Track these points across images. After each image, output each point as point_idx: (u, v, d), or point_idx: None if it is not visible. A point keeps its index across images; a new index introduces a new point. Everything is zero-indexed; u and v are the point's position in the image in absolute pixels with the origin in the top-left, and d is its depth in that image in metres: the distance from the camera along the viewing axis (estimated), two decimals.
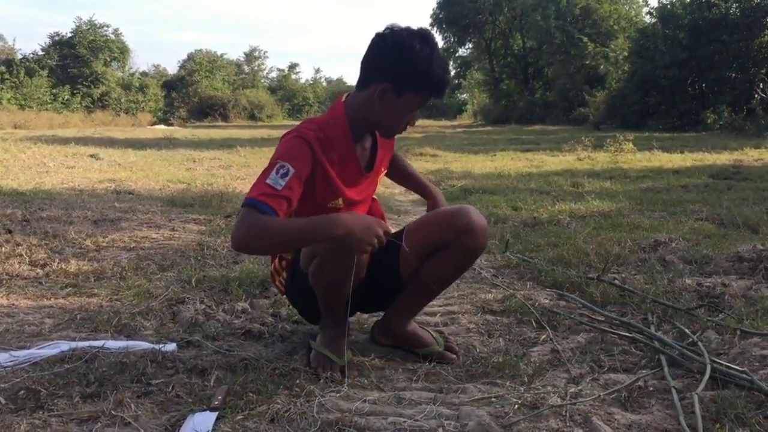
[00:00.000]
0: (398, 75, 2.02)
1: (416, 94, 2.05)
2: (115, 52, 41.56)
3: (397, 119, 2.11)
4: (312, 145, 2.03)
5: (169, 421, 1.77)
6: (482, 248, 2.24)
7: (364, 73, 2.09)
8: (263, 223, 1.88)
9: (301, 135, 2.05)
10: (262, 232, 1.89)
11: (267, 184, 1.93)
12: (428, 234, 2.21)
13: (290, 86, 58.75)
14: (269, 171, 1.97)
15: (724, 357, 2.19)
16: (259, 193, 1.92)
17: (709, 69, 22.20)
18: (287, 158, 1.98)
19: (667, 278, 3.15)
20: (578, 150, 11.83)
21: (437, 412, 1.84)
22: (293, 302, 2.45)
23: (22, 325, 2.57)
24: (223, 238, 4.31)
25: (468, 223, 2.16)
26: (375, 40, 2.06)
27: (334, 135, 2.09)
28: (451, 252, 2.19)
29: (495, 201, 5.91)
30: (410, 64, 2.01)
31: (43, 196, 6.02)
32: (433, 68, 2.02)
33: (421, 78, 2.03)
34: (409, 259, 2.24)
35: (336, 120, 2.12)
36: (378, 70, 2.05)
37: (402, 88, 2.03)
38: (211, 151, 12.79)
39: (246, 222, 1.89)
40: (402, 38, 2.01)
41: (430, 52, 2.02)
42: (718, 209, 5.16)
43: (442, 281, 2.31)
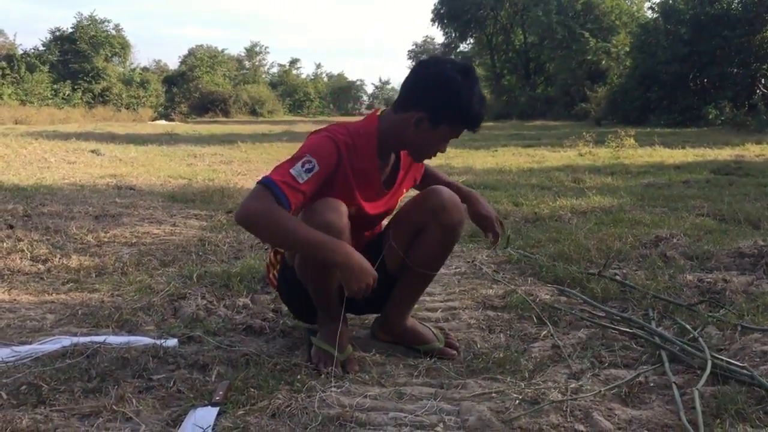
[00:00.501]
0: (436, 107, 2.03)
1: (452, 127, 2.07)
2: (116, 47, 41.52)
3: (429, 147, 2.14)
4: (340, 149, 2.05)
5: (170, 416, 1.77)
6: (458, 222, 2.23)
7: (404, 97, 2.10)
8: (277, 215, 1.90)
9: (331, 136, 2.06)
10: (271, 223, 1.91)
11: (291, 174, 1.95)
12: (407, 221, 2.26)
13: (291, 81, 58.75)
14: (295, 161, 1.98)
15: (725, 353, 2.19)
16: (281, 180, 1.94)
17: (710, 64, 22.18)
18: (315, 155, 2.00)
19: (668, 274, 3.15)
20: (579, 145, 11.82)
21: (438, 408, 1.85)
22: (284, 298, 2.44)
23: (23, 320, 2.57)
24: (224, 233, 4.31)
25: (439, 201, 2.19)
26: (417, 68, 2.09)
27: (361, 144, 2.10)
28: (430, 232, 2.22)
29: (496, 196, 5.90)
30: (449, 99, 2.02)
31: (45, 192, 6.02)
32: (472, 104, 2.03)
33: (458, 113, 2.05)
34: (394, 251, 2.27)
35: (367, 131, 2.13)
36: (417, 98, 2.06)
37: (438, 120, 2.05)
38: (212, 146, 12.80)
39: (260, 204, 1.91)
40: (444, 71, 2.02)
41: (469, 88, 2.02)
42: (720, 205, 5.15)
43: (431, 263, 2.31)
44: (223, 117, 41.39)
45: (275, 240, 2.09)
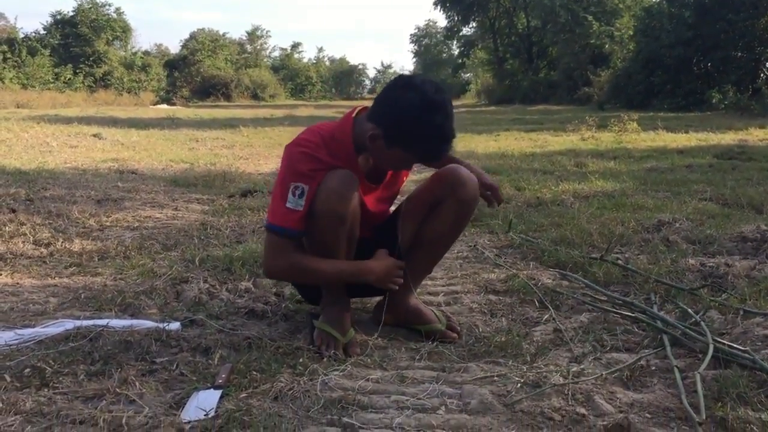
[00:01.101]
0: (390, 130, 2.00)
1: (405, 152, 2.04)
2: (117, 31, 41.30)
3: (386, 164, 2.14)
4: (320, 160, 2.05)
5: (173, 399, 1.78)
6: (474, 198, 2.27)
7: (372, 107, 2.09)
8: (301, 266, 2.11)
9: (308, 152, 2.06)
10: (298, 273, 2.18)
11: (288, 209, 2.03)
12: (423, 196, 2.29)
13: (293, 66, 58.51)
14: (286, 191, 2.03)
15: (727, 337, 2.19)
16: (286, 221, 2.04)
17: (714, 48, 22.02)
18: (298, 178, 2.03)
19: (670, 258, 3.15)
20: (582, 130, 11.78)
21: (440, 391, 1.85)
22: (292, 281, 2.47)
23: (26, 303, 2.58)
24: (226, 218, 4.32)
25: (457, 176, 2.23)
26: (391, 82, 2.07)
27: (337, 149, 2.09)
28: (446, 206, 2.25)
29: (498, 181, 5.88)
30: (402, 126, 1.99)
31: (47, 176, 6.02)
32: (427, 137, 2.00)
33: (410, 142, 2.02)
34: (406, 228, 2.30)
35: (341, 135, 2.11)
36: (378, 112, 2.04)
37: (391, 142, 2.02)
38: (214, 130, 12.77)
39: (282, 259, 2.09)
40: (408, 99, 1.97)
41: (428, 123, 1.97)
42: (723, 189, 5.14)
43: (443, 239, 2.35)
44: (225, 101, 41.25)
45: (307, 280, 2.31)
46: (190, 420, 1.65)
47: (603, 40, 29.73)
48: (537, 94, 32.65)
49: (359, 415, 1.71)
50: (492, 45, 42.95)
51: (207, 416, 1.67)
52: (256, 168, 7.44)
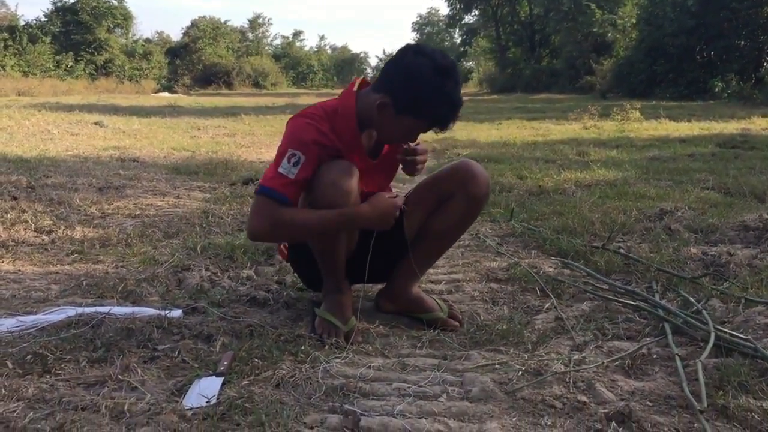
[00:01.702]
0: (399, 97, 2.00)
1: (414, 120, 2.03)
2: (118, 18, 41.20)
3: (393, 134, 2.11)
4: (321, 131, 2.04)
5: (175, 386, 1.78)
6: (485, 195, 2.27)
7: (379, 77, 2.08)
8: (283, 217, 1.99)
9: (310, 122, 2.06)
10: (282, 227, 2.01)
11: (280, 173, 1.99)
12: (433, 189, 2.27)
13: (294, 54, 58.37)
14: (281, 158, 2.01)
15: (729, 325, 2.19)
16: (273, 183, 1.99)
17: (717, 37, 21.93)
18: (297, 146, 2.01)
19: (672, 247, 3.15)
20: (584, 118, 11.75)
21: (441, 378, 1.86)
22: (295, 267, 2.47)
23: (28, 290, 2.58)
24: (227, 205, 4.31)
25: (470, 171, 2.23)
26: (400, 51, 2.05)
27: (340, 123, 2.08)
28: (456, 201, 2.25)
29: (500, 170, 5.88)
30: (413, 92, 1.99)
31: (48, 163, 6.02)
32: (437, 103, 1.99)
33: (420, 108, 2.00)
34: (414, 217, 2.28)
35: (345, 109, 2.10)
36: (387, 81, 2.04)
37: (401, 109, 2.01)
38: (216, 119, 12.75)
39: (265, 214, 1.99)
40: (419, 64, 1.97)
41: (439, 88, 1.97)
42: (725, 178, 5.13)
43: (449, 233, 2.34)
44: (226, 89, 41.21)
45: (293, 239, 2.22)
46: (192, 407, 1.65)
47: (606, 29, 29.60)
48: (539, 83, 32.55)
49: (361, 402, 1.72)
50: (494, 33, 42.78)
51: (209, 403, 1.67)
52: (257, 156, 7.43)
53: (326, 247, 2.17)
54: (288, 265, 2.90)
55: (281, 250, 2.43)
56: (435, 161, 7.08)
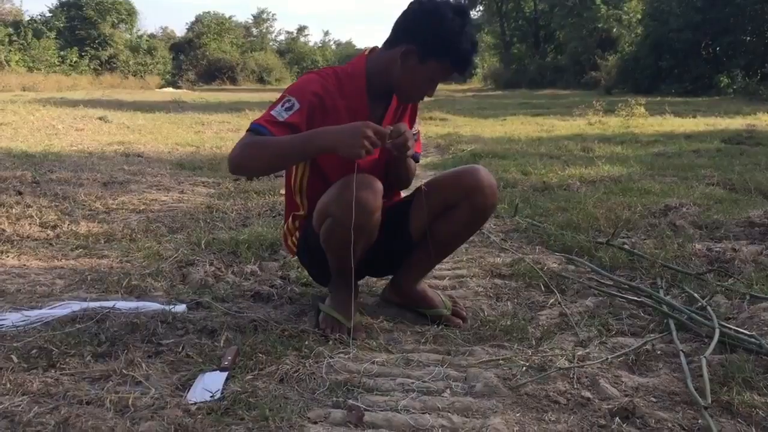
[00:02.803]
0: (425, 40, 2.03)
1: (439, 63, 2.05)
2: (122, 13, 41.16)
3: (416, 84, 2.11)
4: (325, 86, 2.07)
5: (179, 381, 1.79)
6: (491, 207, 2.24)
7: (394, 33, 2.10)
8: (256, 141, 1.98)
9: (316, 77, 2.11)
10: (254, 150, 1.97)
11: (271, 114, 2.02)
12: (439, 193, 2.22)
13: (299, 49, 58.25)
14: (277, 103, 2.04)
15: (733, 321, 2.19)
16: (261, 120, 2.01)
17: (723, 32, 21.85)
18: (296, 93, 2.05)
19: (677, 243, 3.14)
20: (589, 114, 11.71)
21: (445, 374, 1.86)
22: (304, 263, 2.46)
23: (33, 285, 2.59)
24: (232, 201, 4.32)
25: (476, 181, 2.18)
26: (412, 4, 2.08)
27: (348, 84, 2.11)
28: (460, 210, 2.21)
29: (505, 165, 5.88)
30: (439, 32, 2.01)
31: (53, 159, 6.03)
32: (461, 41, 2.02)
33: (447, 48, 2.03)
34: (421, 217, 2.24)
35: (355, 71, 2.14)
36: (407, 32, 2.06)
37: (426, 53, 2.04)
38: (220, 114, 12.74)
39: (242, 142, 1.99)
40: (437, 6, 2.02)
41: (461, 25, 2.02)
42: (730, 174, 5.12)
43: (452, 241, 2.33)
44: (231, 85, 41.16)
45: (268, 163, 2.04)
46: (196, 401, 1.66)
47: (611, 24, 29.53)
48: (544, 79, 32.48)
49: (365, 397, 1.72)
50: (499, 29, 42.68)
51: (213, 398, 1.67)
52: None
53: (341, 254, 2.08)
54: (292, 260, 2.91)
55: (289, 246, 2.42)
56: (439, 157, 7.08)
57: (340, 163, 2.09)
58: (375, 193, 2.02)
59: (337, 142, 1.89)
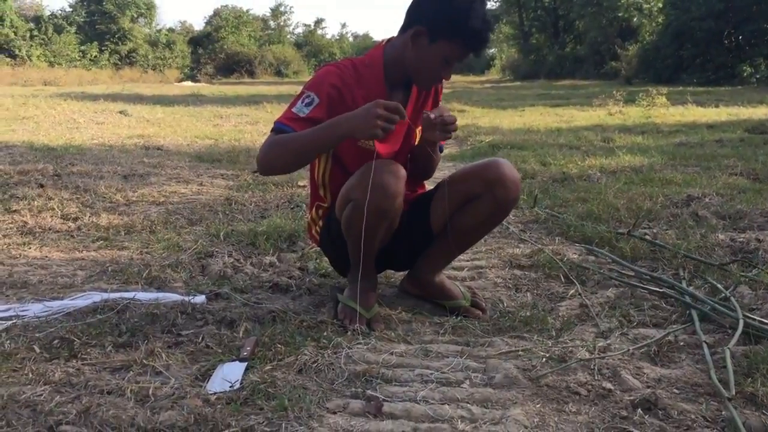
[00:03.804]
0: (434, 19, 2.01)
1: (450, 42, 2.02)
2: (141, 8, 41.48)
3: (429, 66, 2.07)
4: (343, 78, 2.07)
5: (199, 371, 1.79)
6: (513, 200, 2.21)
7: (407, 17, 2.09)
8: (278, 140, 2.01)
9: (334, 69, 2.10)
10: (278, 149, 2.01)
11: (292, 111, 2.05)
12: (461, 187, 2.20)
13: (316, 42, 58.25)
14: (297, 100, 2.06)
15: (757, 312, 2.15)
16: (283, 118, 2.05)
17: (746, 20, 21.51)
18: (314, 88, 2.06)
19: (699, 233, 3.10)
20: (609, 105, 11.58)
21: (464, 365, 1.85)
22: (326, 252, 2.45)
23: (55, 276, 2.61)
24: (250, 193, 4.33)
25: (499, 174, 2.15)
26: None
27: (366, 74, 2.11)
28: (482, 203, 2.18)
29: (524, 156, 5.83)
30: (448, 10, 1.99)
31: (74, 152, 6.08)
32: (471, 18, 1.98)
33: (457, 26, 1.99)
34: (442, 209, 2.23)
35: (372, 61, 2.14)
36: (417, 13, 2.05)
37: (436, 33, 2.01)
38: (238, 107, 12.79)
39: (267, 141, 2.03)
40: None
41: (470, 2, 1.98)
42: (754, 164, 5.04)
43: (472, 234, 2.31)
44: (249, 78, 41.29)
45: (293, 158, 2.03)
46: (216, 391, 1.66)
47: (631, 13, 29.19)
48: (563, 69, 32.22)
49: (383, 387, 1.71)
50: (517, 19, 42.34)
51: (232, 388, 1.68)
52: None
53: (357, 242, 2.07)
54: (310, 251, 2.92)
55: (313, 236, 2.42)
56: (458, 148, 7.05)
57: (359, 153, 2.10)
58: (397, 177, 2.01)
59: (353, 126, 1.90)
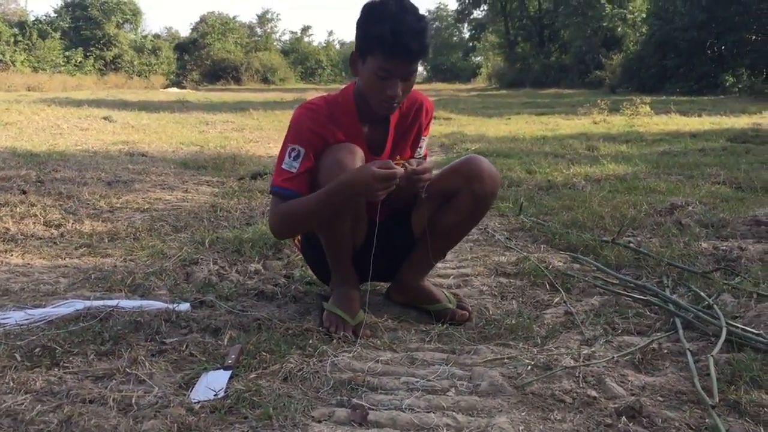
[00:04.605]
0: (358, 38, 2.01)
1: (374, 56, 1.96)
2: (127, 14, 41.29)
3: (370, 87, 2.02)
4: (319, 121, 2.07)
5: (183, 379, 1.78)
6: (491, 194, 2.22)
7: None
8: (287, 211, 2.04)
9: (306, 112, 2.10)
10: (289, 221, 2.07)
11: (284, 170, 2.06)
12: (439, 186, 2.19)
13: (303, 49, 58.26)
14: (283, 155, 2.07)
15: (740, 320, 2.17)
16: (277, 180, 2.07)
17: (728, 31, 21.77)
18: (296, 140, 2.06)
19: (683, 241, 3.12)
20: (594, 113, 11.69)
21: (450, 373, 1.84)
22: (307, 259, 2.46)
23: (37, 284, 2.59)
24: (236, 200, 4.31)
25: (476, 169, 2.18)
26: None
27: (339, 112, 2.10)
28: (461, 198, 2.20)
29: (509, 164, 5.86)
30: (365, 25, 1.98)
31: (57, 158, 6.03)
32: (385, 27, 1.91)
33: (372, 36, 1.95)
34: (420, 213, 2.24)
35: (345, 98, 2.13)
36: (354, 38, 2.04)
37: (363, 52, 2.00)
38: (224, 113, 12.75)
39: (273, 211, 2.09)
40: (368, 2, 1.99)
41: (384, 12, 1.93)
42: (736, 173, 5.09)
43: (455, 231, 2.31)
44: (235, 84, 41.19)
45: (304, 225, 2.16)
46: (200, 400, 1.65)
47: (616, 23, 29.48)
48: (548, 78, 32.42)
49: (369, 396, 1.71)
50: (503, 28, 42.63)
51: (216, 396, 1.66)
52: (265, 151, 7.42)
53: (330, 238, 2.16)
54: (296, 258, 2.91)
55: (296, 243, 2.44)
56: (443, 156, 7.06)
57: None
58: (353, 154, 2.03)
59: (355, 193, 1.97)
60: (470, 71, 53.98)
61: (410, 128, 2.24)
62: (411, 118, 2.22)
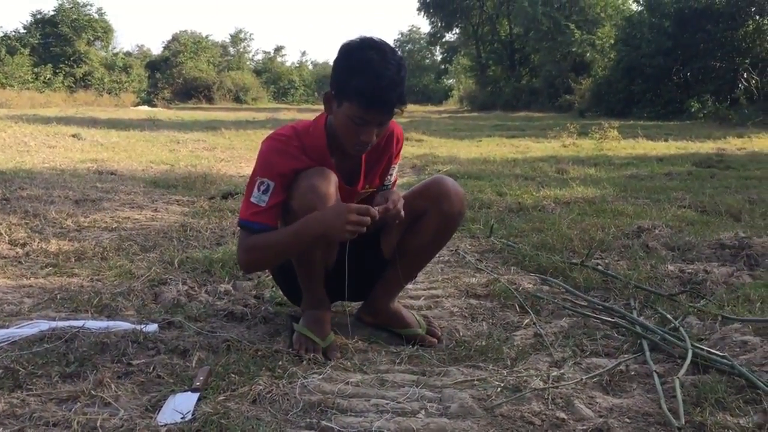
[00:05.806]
0: (335, 80, 1.99)
1: (350, 103, 1.94)
2: (98, 31, 40.98)
3: (343, 130, 2.01)
4: (288, 152, 2.06)
5: (149, 402, 1.75)
6: (459, 213, 2.23)
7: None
8: (255, 245, 2.05)
9: (275, 144, 2.08)
10: (257, 254, 2.07)
11: (252, 203, 2.05)
12: (407, 205, 2.16)
13: (276, 69, 58.37)
14: (252, 188, 2.06)
15: (706, 342, 2.20)
16: (246, 214, 2.06)
17: (694, 58, 22.28)
18: (265, 173, 2.05)
19: (649, 264, 3.17)
20: (563, 137, 11.85)
21: (420, 395, 1.84)
22: (278, 281, 2.45)
23: (0, 304, 2.53)
24: (206, 219, 4.28)
25: (443, 189, 2.19)
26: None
27: (310, 143, 2.09)
28: (429, 218, 2.21)
29: (480, 186, 5.90)
30: (344, 72, 1.96)
31: (24, 176, 5.93)
32: (365, 81, 1.89)
33: (352, 87, 1.92)
34: (390, 235, 2.25)
35: (315, 128, 2.11)
36: (331, 75, 2.03)
37: (339, 96, 1.98)
38: (195, 132, 12.69)
39: (242, 246, 2.08)
40: (348, 46, 1.98)
41: (366, 62, 1.91)
42: (701, 197, 5.19)
43: (424, 251, 2.32)
44: (207, 104, 41.03)
45: (274, 260, 2.17)
46: (167, 423, 1.62)
47: (584, 49, 29.97)
48: (519, 101, 32.82)
49: (338, 418, 1.70)
50: (475, 51, 43.11)
51: (184, 419, 1.64)
52: (237, 170, 7.39)
53: (301, 261, 2.16)
54: (266, 279, 2.89)
55: None
56: (415, 177, 7.10)
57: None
58: (327, 179, 2.02)
59: (325, 229, 1.95)
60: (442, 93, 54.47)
61: (381, 157, 2.24)
62: (382, 147, 2.22)
